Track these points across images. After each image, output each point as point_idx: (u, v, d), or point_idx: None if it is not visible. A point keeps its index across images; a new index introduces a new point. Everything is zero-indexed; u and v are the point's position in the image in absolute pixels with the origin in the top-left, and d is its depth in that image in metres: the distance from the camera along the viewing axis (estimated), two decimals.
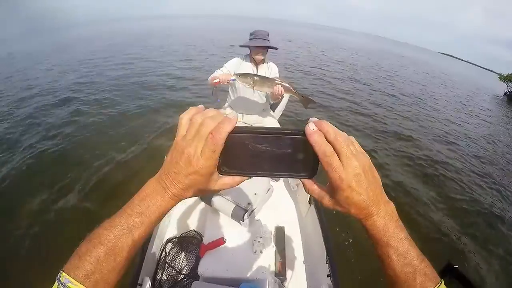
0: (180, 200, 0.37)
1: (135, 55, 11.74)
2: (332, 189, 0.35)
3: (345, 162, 0.32)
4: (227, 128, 0.33)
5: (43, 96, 6.36)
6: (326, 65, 13.43)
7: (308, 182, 0.38)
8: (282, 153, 0.34)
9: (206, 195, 1.62)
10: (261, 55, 2.15)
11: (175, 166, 0.34)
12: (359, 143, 0.37)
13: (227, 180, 0.38)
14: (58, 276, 0.32)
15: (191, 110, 0.37)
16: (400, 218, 0.36)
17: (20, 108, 5.61)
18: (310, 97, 2.06)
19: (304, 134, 0.33)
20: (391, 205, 0.36)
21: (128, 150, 3.89)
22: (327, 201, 0.37)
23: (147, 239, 1.49)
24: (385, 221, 0.35)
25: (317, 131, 0.33)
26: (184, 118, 0.36)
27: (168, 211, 0.37)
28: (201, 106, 0.38)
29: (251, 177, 0.38)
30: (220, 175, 0.37)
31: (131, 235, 0.34)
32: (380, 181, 0.36)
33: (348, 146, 0.33)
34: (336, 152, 0.33)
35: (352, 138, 0.35)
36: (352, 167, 0.32)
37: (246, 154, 0.34)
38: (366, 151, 0.36)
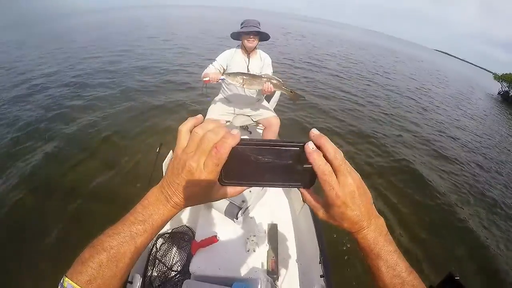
0: (182, 208, 0.38)
1: (135, 44, 11.56)
2: (328, 204, 0.36)
3: (342, 180, 0.34)
4: (232, 143, 0.33)
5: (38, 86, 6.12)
6: (322, 58, 13.40)
7: (307, 193, 0.40)
8: (283, 164, 0.35)
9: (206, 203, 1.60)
10: (253, 41, 2.13)
11: (177, 177, 0.35)
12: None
13: (228, 189, 0.39)
14: (61, 281, 0.32)
15: (190, 121, 0.37)
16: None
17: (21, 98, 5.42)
18: (298, 93, 2.09)
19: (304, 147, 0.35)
20: (381, 220, 0.38)
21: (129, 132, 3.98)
22: (321, 214, 0.39)
23: None
24: (375, 234, 0.37)
25: (316, 150, 0.34)
26: (183, 129, 0.37)
27: (170, 219, 0.38)
28: (199, 116, 0.38)
29: (251, 186, 0.38)
30: (221, 185, 0.38)
31: (133, 242, 0.35)
32: (371, 196, 0.38)
33: (346, 164, 0.35)
34: (333, 170, 0.34)
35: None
36: (348, 185, 0.34)
37: (248, 165, 0.35)
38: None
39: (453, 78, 21.48)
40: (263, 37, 2.18)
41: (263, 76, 1.93)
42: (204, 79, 2.03)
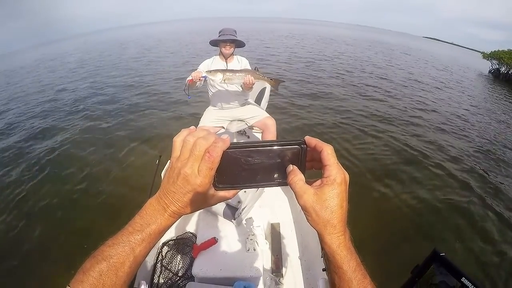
0: (180, 216, 0.39)
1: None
2: (325, 185, 0.35)
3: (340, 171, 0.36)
4: (223, 147, 0.34)
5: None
6: (313, 55, 13.66)
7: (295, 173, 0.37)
8: (272, 163, 0.36)
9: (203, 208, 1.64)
10: (230, 48, 2.28)
11: (173, 186, 0.36)
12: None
13: (222, 193, 0.39)
14: None
15: (183, 132, 0.38)
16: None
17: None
18: (277, 78, 2.17)
19: (290, 144, 0.36)
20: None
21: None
22: (308, 195, 0.35)
23: None
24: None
25: (315, 139, 0.37)
26: (177, 140, 0.38)
27: (169, 228, 0.39)
28: (192, 127, 0.40)
29: (245, 188, 0.39)
30: (215, 190, 0.38)
31: (132, 252, 0.36)
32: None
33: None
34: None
35: None
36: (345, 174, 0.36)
37: (239, 168, 0.36)
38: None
39: (445, 63, 21.39)
40: (239, 44, 2.33)
41: (242, 70, 2.05)
42: (188, 79, 2.13)
